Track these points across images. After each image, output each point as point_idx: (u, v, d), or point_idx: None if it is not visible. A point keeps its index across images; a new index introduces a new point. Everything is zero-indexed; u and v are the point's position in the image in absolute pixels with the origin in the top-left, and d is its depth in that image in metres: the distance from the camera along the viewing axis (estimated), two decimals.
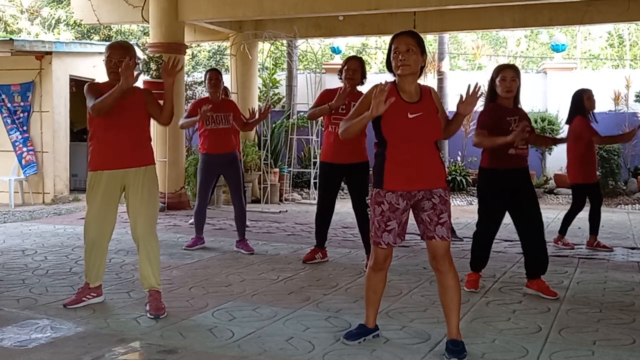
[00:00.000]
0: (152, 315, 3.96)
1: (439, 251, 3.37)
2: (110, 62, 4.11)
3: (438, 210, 3.37)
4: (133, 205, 4.12)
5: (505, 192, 4.69)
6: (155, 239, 4.17)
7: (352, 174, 5.55)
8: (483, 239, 4.86)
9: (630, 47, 22.32)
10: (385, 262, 3.49)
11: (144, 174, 4.14)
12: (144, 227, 4.12)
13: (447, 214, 3.39)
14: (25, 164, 10.23)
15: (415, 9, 9.40)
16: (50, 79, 10.30)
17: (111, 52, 4.12)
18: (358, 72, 5.51)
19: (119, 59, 4.02)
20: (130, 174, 4.11)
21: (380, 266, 3.49)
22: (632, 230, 8.35)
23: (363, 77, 5.57)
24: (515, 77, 4.63)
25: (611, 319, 4.15)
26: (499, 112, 4.62)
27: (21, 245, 6.49)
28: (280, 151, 11.93)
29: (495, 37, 23.54)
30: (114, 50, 4.12)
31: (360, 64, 5.58)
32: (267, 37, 10.95)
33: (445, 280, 3.38)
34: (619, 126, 12.57)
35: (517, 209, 4.74)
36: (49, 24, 19.55)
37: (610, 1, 9.45)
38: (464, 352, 3.32)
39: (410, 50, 3.32)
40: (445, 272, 3.37)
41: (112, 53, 4.11)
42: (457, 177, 12.68)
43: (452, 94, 13.35)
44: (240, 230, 6.35)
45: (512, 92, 4.64)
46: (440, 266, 3.38)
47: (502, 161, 4.65)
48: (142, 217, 4.11)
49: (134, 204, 4.12)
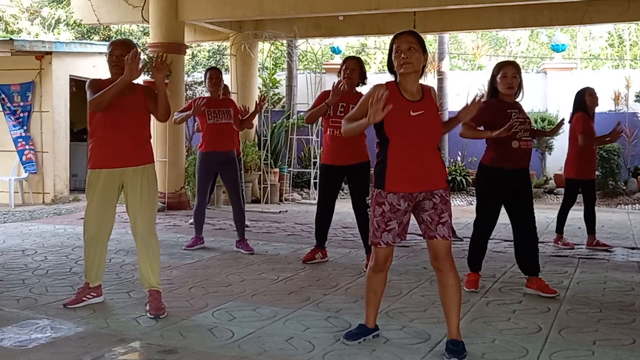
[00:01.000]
0: (152, 315, 3.96)
1: (440, 251, 3.37)
2: (112, 57, 4.12)
3: (439, 210, 3.37)
4: (132, 204, 4.12)
5: (505, 192, 4.70)
6: (154, 238, 4.17)
7: (353, 175, 5.54)
8: (483, 237, 4.86)
9: (630, 47, 22.32)
10: (385, 263, 3.49)
11: (142, 172, 4.13)
12: (143, 226, 4.12)
13: (447, 213, 3.38)
14: (26, 161, 10.23)
15: (415, 9, 9.40)
16: (50, 79, 10.30)
17: (113, 48, 4.14)
18: (356, 72, 5.49)
19: (121, 54, 4.04)
20: (129, 173, 4.11)
21: (380, 267, 3.49)
22: (632, 230, 8.35)
23: (363, 77, 5.55)
24: (516, 74, 4.66)
25: (611, 319, 4.15)
26: (498, 106, 4.64)
27: (21, 245, 6.49)
28: (280, 151, 11.93)
29: (495, 37, 23.53)
30: (116, 46, 4.14)
31: (358, 64, 5.56)
32: (267, 37, 10.96)
33: (446, 280, 3.37)
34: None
35: (515, 208, 4.75)
36: (49, 24, 19.55)
37: (610, 1, 9.45)
38: (464, 352, 3.32)
39: (412, 49, 3.32)
40: (447, 271, 3.36)
41: (114, 48, 4.13)
42: (457, 177, 12.68)
43: (452, 94, 13.36)
44: (240, 230, 6.35)
45: (513, 88, 4.66)
46: (442, 266, 3.37)
47: (505, 161, 4.64)
48: (141, 216, 4.12)
49: (134, 203, 4.12)
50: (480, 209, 4.83)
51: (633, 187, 12.31)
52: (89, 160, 4.19)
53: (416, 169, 3.33)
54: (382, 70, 19.67)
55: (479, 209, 4.84)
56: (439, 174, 3.42)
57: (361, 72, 5.53)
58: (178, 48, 9.54)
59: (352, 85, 5.51)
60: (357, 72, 5.50)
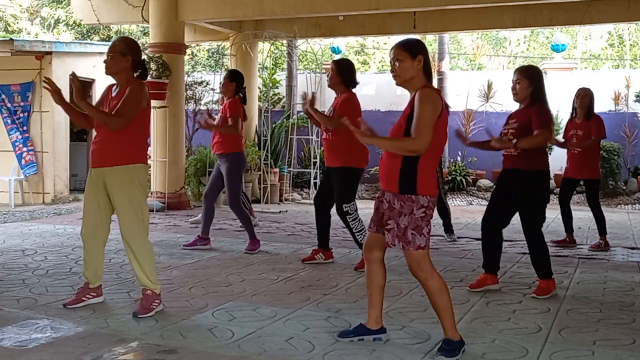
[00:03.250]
0: (134, 313, 3.98)
1: (406, 260, 3.41)
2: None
3: (386, 216, 3.39)
4: (115, 205, 4.12)
5: (501, 190, 4.89)
6: (137, 239, 4.08)
7: (334, 177, 5.55)
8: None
9: (630, 47, 22.32)
10: (371, 251, 3.53)
11: (117, 174, 4.07)
12: (123, 228, 4.10)
13: (394, 220, 3.34)
14: (25, 164, 10.23)
15: (415, 9, 9.41)
16: (50, 79, 10.28)
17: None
18: (332, 74, 5.46)
19: (107, 54, 4.15)
20: (107, 174, 4.09)
21: (367, 252, 3.57)
22: (632, 230, 8.35)
23: (343, 80, 5.45)
24: (519, 79, 4.72)
25: (611, 319, 4.15)
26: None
27: (21, 245, 6.49)
28: (280, 151, 11.93)
29: (495, 37, 23.54)
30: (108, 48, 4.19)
31: (334, 66, 5.49)
32: (267, 37, 10.96)
33: (424, 288, 3.42)
34: (619, 126, 12.59)
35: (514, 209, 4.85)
36: (49, 24, 19.55)
37: (610, 1, 9.45)
38: (455, 352, 3.33)
39: (398, 60, 3.40)
40: (421, 280, 3.39)
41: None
42: (457, 177, 12.67)
43: (452, 94, 13.35)
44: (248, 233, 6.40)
45: (516, 94, 4.74)
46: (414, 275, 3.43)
47: (547, 162, 4.77)
48: (120, 217, 4.10)
49: (115, 204, 4.11)
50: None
51: (633, 187, 12.31)
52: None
53: (380, 166, 3.49)
54: (382, 70, 19.68)
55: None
56: (390, 176, 3.37)
57: (340, 73, 5.45)
58: (178, 48, 9.54)
59: (331, 87, 5.53)
60: (334, 73, 5.44)
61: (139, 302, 4.08)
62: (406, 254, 3.36)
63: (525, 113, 4.68)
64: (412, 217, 3.30)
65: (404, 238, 3.31)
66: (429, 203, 3.33)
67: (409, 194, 3.30)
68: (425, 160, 3.31)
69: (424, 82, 3.40)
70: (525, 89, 4.68)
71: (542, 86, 4.72)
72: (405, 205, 3.30)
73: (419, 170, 3.30)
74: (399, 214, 3.31)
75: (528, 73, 4.73)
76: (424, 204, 3.31)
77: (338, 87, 5.50)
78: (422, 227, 3.30)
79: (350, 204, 5.46)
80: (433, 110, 3.27)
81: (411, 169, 3.30)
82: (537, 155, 4.67)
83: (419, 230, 3.30)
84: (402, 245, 3.32)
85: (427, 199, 3.31)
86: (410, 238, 3.30)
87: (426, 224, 3.33)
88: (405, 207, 3.30)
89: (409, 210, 3.30)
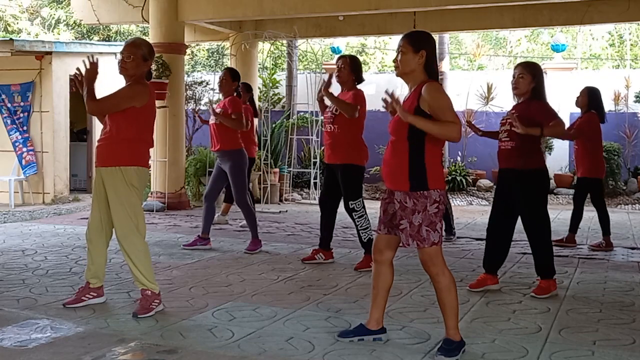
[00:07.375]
0: (134, 313, 3.99)
1: (420, 257, 3.41)
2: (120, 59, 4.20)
3: (398, 216, 3.38)
4: (110, 204, 4.12)
5: (500, 191, 4.92)
6: (130, 239, 4.07)
7: (338, 174, 5.54)
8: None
9: (630, 47, 22.31)
10: (382, 254, 3.52)
11: (109, 174, 4.06)
12: (116, 228, 4.11)
13: (407, 220, 3.32)
14: (25, 164, 10.22)
15: (415, 9, 9.41)
16: (50, 79, 10.30)
17: (122, 50, 4.20)
18: (344, 69, 5.47)
19: (127, 56, 4.12)
20: (103, 173, 4.11)
21: (376, 254, 3.56)
22: (632, 230, 8.35)
23: (355, 76, 5.49)
24: (522, 74, 4.74)
25: (611, 319, 4.15)
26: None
27: (21, 245, 6.49)
28: (280, 151, 11.93)
29: (495, 37, 23.53)
30: (123, 48, 4.19)
31: (346, 61, 5.50)
32: (267, 37, 10.96)
33: (434, 284, 3.42)
34: (619, 126, 12.59)
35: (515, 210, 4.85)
36: (49, 24, 19.55)
37: (610, 1, 9.45)
38: (455, 352, 3.33)
39: (401, 52, 3.41)
40: (432, 276, 3.39)
41: (121, 51, 4.20)
42: (457, 177, 12.67)
43: (452, 93, 13.30)
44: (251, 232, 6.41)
45: (517, 88, 4.76)
46: (427, 271, 3.42)
47: (542, 160, 4.80)
48: (114, 218, 4.09)
49: (110, 204, 4.11)
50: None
51: (633, 187, 12.31)
52: None
53: (383, 166, 3.47)
54: (382, 70, 19.68)
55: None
56: (398, 175, 3.35)
57: (351, 69, 5.48)
58: (178, 48, 9.54)
59: (341, 83, 5.53)
60: (346, 69, 5.46)
61: (139, 302, 4.08)
62: (420, 251, 3.36)
63: (525, 107, 4.70)
64: (426, 214, 3.30)
65: (419, 236, 3.31)
66: (440, 197, 3.35)
67: (421, 190, 3.30)
68: (432, 154, 3.34)
69: (426, 77, 3.40)
70: (528, 84, 4.71)
71: (543, 83, 4.77)
72: (419, 202, 3.30)
73: (427, 164, 3.31)
74: (412, 211, 3.30)
75: (532, 69, 4.78)
76: (436, 198, 3.32)
77: (349, 84, 5.51)
78: (435, 222, 3.32)
79: (357, 201, 5.46)
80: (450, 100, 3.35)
81: (420, 165, 3.31)
82: (533, 154, 4.68)
83: (433, 227, 3.31)
84: (417, 243, 3.32)
85: (438, 192, 3.33)
86: (425, 235, 3.30)
87: (439, 220, 3.35)
88: (418, 204, 3.30)
89: (422, 207, 3.30)
